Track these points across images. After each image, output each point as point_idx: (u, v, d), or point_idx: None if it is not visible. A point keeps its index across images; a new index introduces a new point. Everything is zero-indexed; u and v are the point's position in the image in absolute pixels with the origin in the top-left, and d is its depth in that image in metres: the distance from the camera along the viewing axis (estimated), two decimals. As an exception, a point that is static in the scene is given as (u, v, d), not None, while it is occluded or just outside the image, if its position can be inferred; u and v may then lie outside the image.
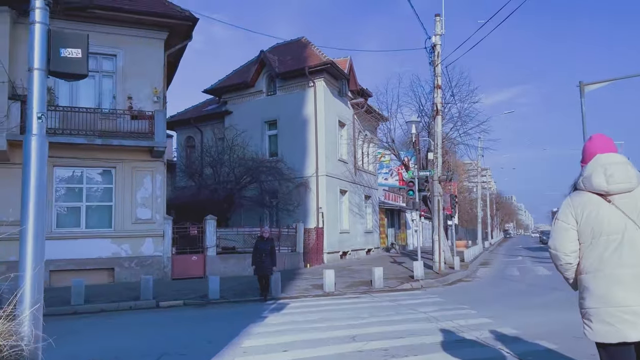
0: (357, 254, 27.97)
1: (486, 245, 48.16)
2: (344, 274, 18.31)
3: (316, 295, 13.31)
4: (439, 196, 19.43)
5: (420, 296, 12.97)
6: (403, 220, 39.97)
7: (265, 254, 12.46)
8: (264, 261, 12.43)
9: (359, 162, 28.94)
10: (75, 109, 15.54)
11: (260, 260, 12.46)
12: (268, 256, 12.49)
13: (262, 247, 12.59)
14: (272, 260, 12.58)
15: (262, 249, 12.54)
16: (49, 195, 15.65)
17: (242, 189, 22.66)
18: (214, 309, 11.32)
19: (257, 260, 12.56)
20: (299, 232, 21.63)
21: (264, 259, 12.42)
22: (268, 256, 12.49)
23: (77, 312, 11.23)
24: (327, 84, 24.74)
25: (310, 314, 10.02)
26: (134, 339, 7.87)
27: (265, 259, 12.42)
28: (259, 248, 12.61)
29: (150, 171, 16.96)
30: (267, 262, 12.46)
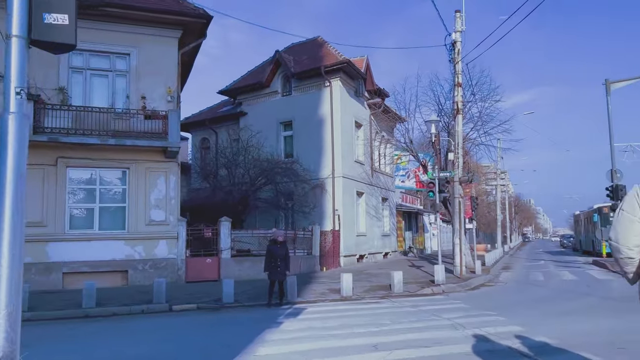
0: (374, 258, 27.43)
1: (505, 249, 47.20)
2: (362, 277, 17.81)
3: (333, 300, 12.83)
4: (459, 198, 18.83)
5: (443, 301, 12.42)
6: (421, 223, 39.30)
7: (280, 259, 11.85)
8: (279, 266, 11.82)
9: (376, 164, 28.42)
10: (88, 109, 15.28)
11: (275, 265, 11.83)
12: (283, 261, 11.91)
13: (276, 251, 11.94)
14: (286, 266, 12.03)
15: (277, 254, 11.91)
16: (62, 196, 15.43)
17: (257, 191, 22.28)
18: (228, 313, 10.91)
19: (270, 265, 11.91)
20: (315, 235, 21.17)
21: (279, 264, 11.81)
22: (283, 261, 11.91)
23: (88, 316, 10.91)
24: (344, 83, 24.29)
25: (328, 319, 9.55)
26: (144, 345, 7.47)
27: (280, 265, 11.83)
28: (273, 253, 11.95)
29: (164, 172, 16.65)
30: (282, 267, 11.89)
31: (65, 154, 15.49)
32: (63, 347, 7.56)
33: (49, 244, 15.08)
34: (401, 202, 34.00)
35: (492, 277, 19.49)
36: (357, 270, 20.45)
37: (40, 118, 14.72)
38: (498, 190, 44.31)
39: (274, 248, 12.03)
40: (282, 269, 11.88)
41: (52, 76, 15.50)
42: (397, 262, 26.25)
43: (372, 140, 27.23)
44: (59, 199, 15.35)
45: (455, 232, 18.91)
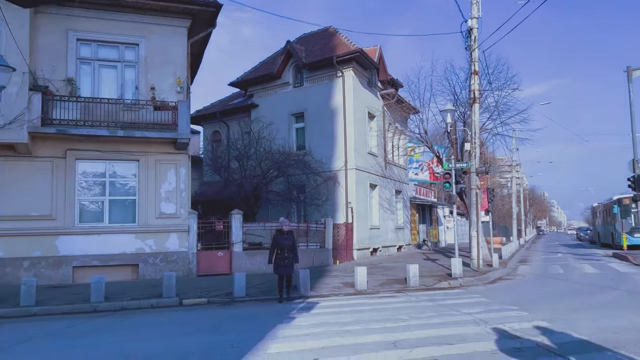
0: (388, 251, 27.02)
1: (521, 242, 46.45)
2: (376, 271, 17.42)
3: (348, 294, 12.46)
4: (476, 189, 18.33)
5: (461, 295, 11.99)
6: (435, 216, 38.76)
7: (288, 251, 11.17)
8: (287, 258, 11.15)
9: (389, 156, 27.94)
10: (96, 100, 15.01)
11: (281, 257, 11.16)
12: (290, 253, 11.23)
13: (283, 242, 11.19)
14: (294, 258, 11.38)
15: (283, 244, 11.16)
16: (72, 189, 15.21)
17: (269, 183, 21.94)
18: (239, 308, 10.58)
19: (277, 257, 11.21)
20: (328, 228, 20.79)
21: (286, 256, 11.14)
22: (290, 253, 11.23)
23: (96, 310, 10.65)
24: (356, 73, 23.82)
25: (343, 314, 9.18)
26: (150, 342, 7.15)
27: (288, 256, 11.17)
28: (279, 243, 11.21)
29: (174, 164, 16.36)
30: (289, 260, 11.21)
31: (75, 146, 15.26)
32: (64, 343, 7.28)
33: (58, 237, 14.88)
34: (415, 194, 33.51)
35: (510, 270, 19.00)
36: (370, 264, 20.07)
37: (49, 110, 14.48)
38: (513, 182, 43.58)
39: (280, 238, 11.29)
40: (290, 262, 11.19)
41: (60, 67, 15.25)
42: (411, 256, 25.82)
43: (385, 132, 26.74)
44: (69, 192, 15.13)
45: (472, 224, 18.43)
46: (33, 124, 14.15)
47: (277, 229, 11.72)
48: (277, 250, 11.19)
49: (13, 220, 14.48)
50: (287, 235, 11.37)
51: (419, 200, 34.18)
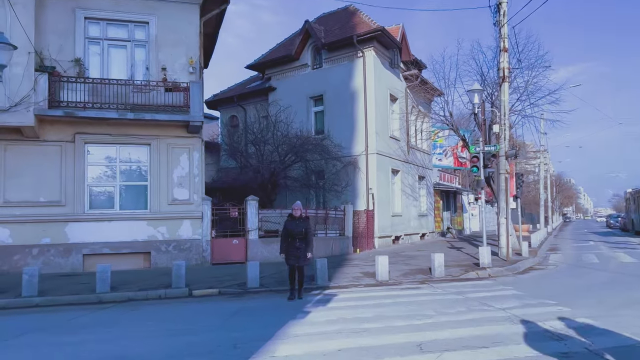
0: (411, 239, 26.09)
1: (548, 230, 44.97)
2: (398, 260, 16.57)
3: (368, 285, 11.66)
4: (505, 174, 17.25)
5: (491, 287, 11.08)
6: (459, 203, 37.59)
7: (299, 239, 9.65)
8: (299, 248, 9.65)
9: (412, 140, 26.88)
10: (105, 81, 14.37)
11: (292, 247, 9.69)
12: (302, 242, 9.71)
13: (294, 229, 9.69)
14: (307, 247, 9.74)
15: (295, 231, 9.67)
16: (81, 174, 14.66)
17: (287, 169, 21.17)
18: (251, 300, 9.87)
19: (288, 246, 9.78)
20: (348, 215, 19.96)
21: (297, 245, 9.64)
22: (302, 242, 9.71)
23: (102, 301, 10.07)
24: (377, 53, 22.78)
25: (362, 308, 8.38)
26: (146, 340, 6.45)
27: (299, 246, 9.65)
28: (290, 230, 9.72)
29: (187, 148, 15.69)
30: (302, 250, 9.67)
31: (84, 130, 14.68)
32: (54, 339, 6.63)
33: (68, 224, 14.37)
34: (439, 180, 32.40)
35: (541, 259, 17.96)
36: (392, 252, 19.22)
37: (56, 91, 13.91)
38: (541, 167, 42.02)
39: (291, 224, 9.78)
40: (301, 252, 9.69)
41: (68, 47, 14.64)
42: (435, 244, 24.87)
43: (408, 115, 25.67)
44: (78, 177, 14.59)
45: (501, 211, 17.38)
46: (39, 107, 13.59)
47: (289, 214, 10.19)
48: (287, 238, 9.82)
49: (21, 206, 14.01)
50: (299, 221, 9.80)
51: (443, 186, 33.06)
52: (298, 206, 10.04)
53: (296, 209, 9.94)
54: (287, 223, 9.89)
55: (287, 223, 9.89)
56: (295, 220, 9.80)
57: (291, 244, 9.72)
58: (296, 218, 9.83)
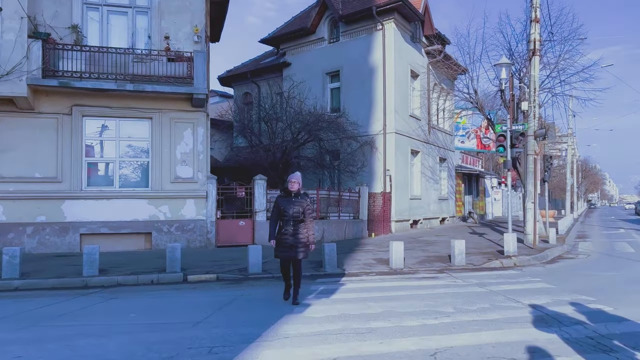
0: (430, 223, 24.91)
1: (574, 216, 43.25)
2: (415, 246, 15.48)
3: (380, 273, 10.62)
4: (534, 155, 15.94)
5: (518, 279, 9.95)
6: (482, 186, 36.14)
7: (294, 223, 7.20)
8: (294, 235, 7.20)
9: (434, 119, 25.51)
10: (103, 50, 13.41)
11: (286, 233, 7.22)
12: (298, 227, 7.23)
13: (289, 208, 7.20)
14: (305, 234, 7.29)
15: (288, 212, 7.19)
16: (79, 149, 13.82)
17: (299, 148, 20.10)
18: (250, 288, 8.91)
19: (279, 233, 7.33)
20: (363, 197, 18.88)
21: (292, 230, 7.19)
22: (298, 227, 7.23)
23: (87, 286, 9.24)
24: (398, 26, 21.41)
25: (370, 301, 7.35)
26: (112, 337, 5.50)
27: (294, 231, 7.19)
28: (284, 210, 7.23)
29: (191, 123, 14.72)
30: (297, 237, 7.20)
31: (81, 102, 13.80)
32: (5, 336, 5.75)
33: (64, 202, 13.58)
34: (461, 163, 30.99)
35: (569, 247, 16.69)
36: (410, 238, 18.15)
37: (51, 60, 13.01)
38: (569, 151, 40.18)
39: (284, 202, 7.28)
40: (296, 239, 7.19)
41: (64, 13, 13.71)
42: (455, 229, 23.67)
43: (429, 93, 24.30)
44: (75, 153, 13.76)
45: (528, 194, 16.11)
46: (33, 76, 12.72)
47: (282, 188, 7.83)
48: (278, 220, 7.38)
49: (15, 182, 13.25)
50: (296, 198, 7.28)
51: (466, 169, 31.67)
52: (296, 178, 7.43)
53: (293, 182, 7.32)
54: (280, 200, 7.35)
55: (280, 200, 7.35)
56: (291, 198, 7.27)
57: (284, 229, 7.26)
58: (292, 194, 7.29)
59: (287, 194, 7.34)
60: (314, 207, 8.33)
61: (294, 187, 7.30)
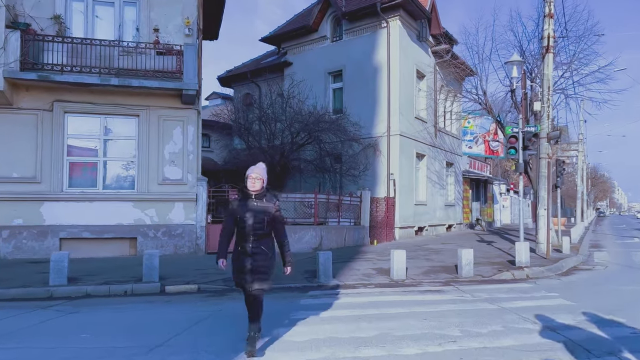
0: (436, 230, 23.86)
1: (584, 225, 41.98)
2: (420, 255, 14.47)
3: (379, 285, 9.64)
4: (547, 158, 14.90)
5: (532, 293, 8.93)
6: (490, 193, 35.02)
7: (257, 237, 4.94)
8: (253, 254, 4.93)
9: (440, 122, 24.50)
10: (86, 41, 12.56)
11: (242, 252, 4.98)
12: (262, 242, 4.99)
13: (247, 216, 4.93)
14: (269, 254, 5.04)
15: (248, 223, 4.92)
16: (60, 148, 12.95)
17: (299, 150, 19.15)
18: (232, 301, 7.94)
19: (236, 251, 5.07)
20: (365, 202, 17.88)
21: (250, 248, 4.93)
22: (262, 242, 4.99)
23: (52, 297, 8.32)
24: (404, 24, 20.47)
25: (364, 321, 6.37)
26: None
27: (255, 250, 4.94)
28: (239, 220, 4.96)
29: (180, 121, 13.83)
30: (261, 256, 4.96)
31: (63, 97, 12.94)
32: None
33: (43, 204, 12.69)
34: (469, 168, 29.93)
35: (585, 258, 15.61)
36: (414, 245, 17.13)
37: (30, 52, 12.16)
38: (580, 157, 39.00)
39: (242, 208, 4.98)
40: (259, 261, 4.94)
41: (47, 3, 12.89)
42: (462, 236, 22.61)
43: (436, 94, 23.33)
44: (56, 151, 12.88)
45: (541, 201, 15.07)
46: (10, 68, 11.88)
47: (239, 188, 5.39)
48: (232, 231, 5.09)
49: (-10, 182, 12.38)
50: (258, 202, 4.99)
51: (473, 174, 30.60)
52: (259, 171, 5.04)
53: (254, 177, 4.97)
54: (235, 206, 5.05)
55: (235, 206, 5.05)
56: (252, 201, 4.96)
57: (241, 245, 4.96)
58: (251, 195, 4.96)
59: (245, 196, 4.98)
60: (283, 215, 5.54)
61: (255, 185, 4.93)
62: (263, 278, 4.99)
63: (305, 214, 15.31)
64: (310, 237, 15.12)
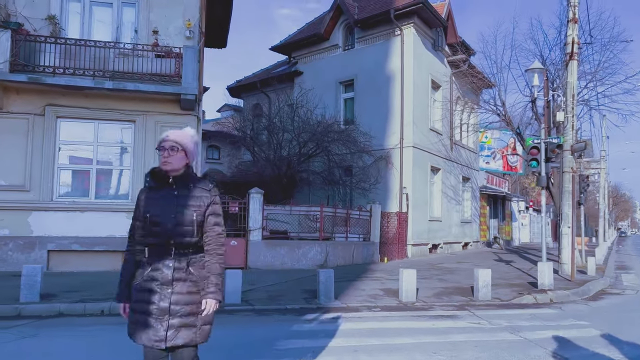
0: (451, 248, 22.74)
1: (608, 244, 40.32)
2: (433, 274, 13.44)
3: (386, 308, 8.67)
4: (571, 172, 13.84)
5: (558, 321, 7.88)
6: (508, 210, 33.74)
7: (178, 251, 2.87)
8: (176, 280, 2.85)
9: (456, 135, 23.50)
10: (80, 42, 11.92)
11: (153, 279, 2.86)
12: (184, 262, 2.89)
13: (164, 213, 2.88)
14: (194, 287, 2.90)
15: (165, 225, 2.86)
16: (51, 154, 12.27)
17: (307, 161, 18.29)
18: (216, 326, 6.87)
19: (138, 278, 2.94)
20: (375, 216, 16.90)
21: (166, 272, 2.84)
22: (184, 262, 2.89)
23: (20, 315, 7.51)
24: (418, 32, 19.66)
25: (364, 354, 5.44)
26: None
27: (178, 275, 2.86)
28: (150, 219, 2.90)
29: (178, 128, 13.01)
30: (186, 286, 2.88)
31: (56, 101, 12.28)
32: None
33: (32, 213, 11.97)
34: (486, 183, 28.78)
35: (612, 280, 14.43)
36: (427, 264, 16.09)
37: (21, 53, 11.55)
38: (602, 174, 37.59)
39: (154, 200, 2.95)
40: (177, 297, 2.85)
41: (41, 3, 12.30)
42: (479, 255, 21.47)
43: (452, 105, 22.37)
44: (47, 158, 12.18)
45: (565, 218, 13.97)
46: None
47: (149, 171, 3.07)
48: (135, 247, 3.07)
49: (-24, 189, 11.70)
50: (181, 191, 2.96)
51: (491, 190, 29.42)
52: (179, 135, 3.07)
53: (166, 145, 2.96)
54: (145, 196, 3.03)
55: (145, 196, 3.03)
56: (170, 189, 2.97)
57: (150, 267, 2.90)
58: (168, 179, 2.97)
59: (160, 181, 2.98)
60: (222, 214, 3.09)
61: (170, 160, 2.92)
62: (191, 324, 2.85)
63: (310, 228, 14.40)
64: (315, 253, 14.18)
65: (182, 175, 2.99)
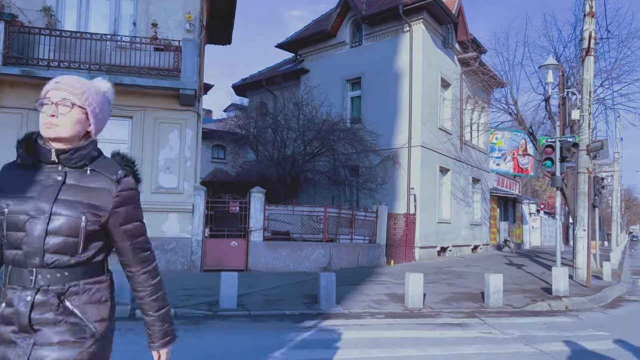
0: (460, 251, 22.12)
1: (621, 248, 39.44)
2: (441, 278, 12.88)
3: (390, 315, 8.14)
4: (586, 172, 13.22)
5: (575, 331, 7.31)
6: (519, 212, 33.01)
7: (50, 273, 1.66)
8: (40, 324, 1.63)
9: (466, 134, 22.88)
10: (76, 35, 11.52)
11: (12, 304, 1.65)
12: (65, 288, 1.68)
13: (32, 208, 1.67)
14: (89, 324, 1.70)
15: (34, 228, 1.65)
16: (45, 150, 11.83)
17: (311, 160, 17.79)
18: (207, 332, 6.57)
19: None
20: (381, 218, 16.34)
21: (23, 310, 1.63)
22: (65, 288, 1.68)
23: None
24: (428, 28, 19.10)
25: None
26: None
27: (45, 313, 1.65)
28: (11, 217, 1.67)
29: (177, 124, 12.66)
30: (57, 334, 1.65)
31: (51, 96, 11.86)
32: None
33: (25, 211, 11.56)
34: (496, 185, 28.11)
35: (629, 286, 13.79)
36: (435, 268, 15.52)
37: (15, 45, 11.16)
38: (615, 177, 36.76)
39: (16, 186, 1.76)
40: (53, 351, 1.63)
41: (37, -6, 11.91)
42: (489, 258, 20.84)
43: (462, 104, 21.77)
44: (41, 154, 11.77)
45: (580, 220, 13.36)
46: (-8, 62, 10.87)
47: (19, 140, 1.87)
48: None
49: (-33, 186, 11.31)
50: (70, 170, 1.77)
51: (501, 192, 28.72)
52: (70, 83, 1.82)
53: (53, 98, 1.78)
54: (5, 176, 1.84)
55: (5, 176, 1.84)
56: (51, 170, 1.78)
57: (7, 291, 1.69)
58: (49, 154, 1.76)
59: (37, 156, 1.80)
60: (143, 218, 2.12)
61: (62, 126, 1.75)
62: None
63: (313, 229, 13.89)
64: (319, 255, 13.67)
65: (75, 149, 1.78)
